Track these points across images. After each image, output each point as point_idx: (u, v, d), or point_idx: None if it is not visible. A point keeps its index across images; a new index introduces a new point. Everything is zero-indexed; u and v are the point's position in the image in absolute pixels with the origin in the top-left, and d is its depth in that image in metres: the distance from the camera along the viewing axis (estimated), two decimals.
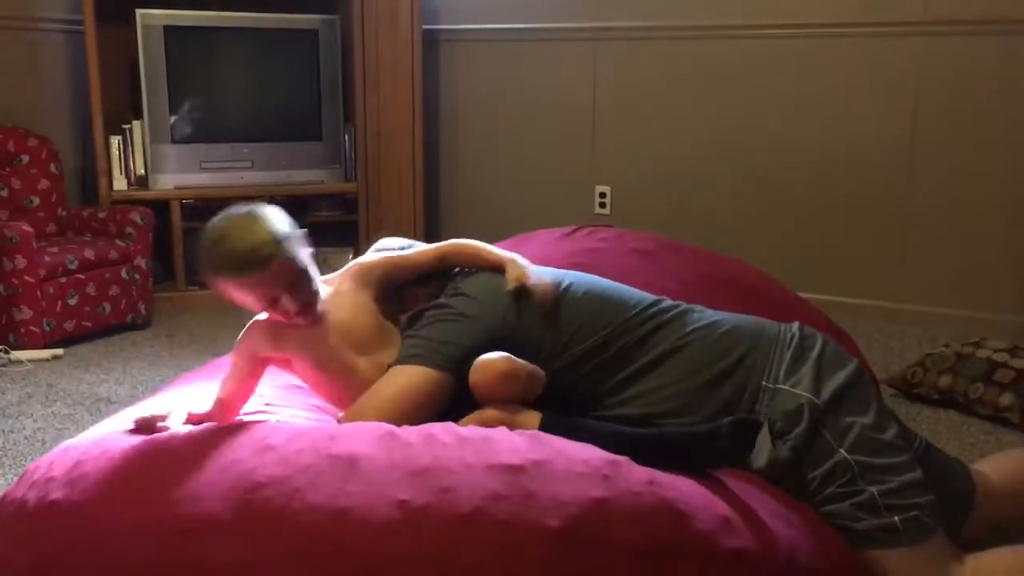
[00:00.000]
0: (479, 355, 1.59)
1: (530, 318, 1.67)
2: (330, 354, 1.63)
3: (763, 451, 1.58)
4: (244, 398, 1.65)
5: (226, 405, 1.61)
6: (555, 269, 1.81)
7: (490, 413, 1.55)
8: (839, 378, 1.61)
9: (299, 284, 1.58)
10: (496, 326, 1.65)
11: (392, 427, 1.40)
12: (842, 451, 1.54)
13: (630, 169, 4.24)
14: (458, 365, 1.60)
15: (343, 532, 1.20)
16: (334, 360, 1.64)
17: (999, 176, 3.54)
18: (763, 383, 1.63)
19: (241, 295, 1.58)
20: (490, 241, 2.59)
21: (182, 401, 1.68)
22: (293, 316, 1.59)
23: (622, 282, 1.82)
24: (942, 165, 3.64)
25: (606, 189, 4.32)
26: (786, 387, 1.61)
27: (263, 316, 1.65)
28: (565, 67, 4.30)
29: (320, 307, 1.64)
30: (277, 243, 1.55)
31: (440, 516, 1.21)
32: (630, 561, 1.23)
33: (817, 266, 3.90)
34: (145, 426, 1.54)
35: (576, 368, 1.66)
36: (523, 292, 1.68)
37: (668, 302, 1.76)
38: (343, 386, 1.64)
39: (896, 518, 1.50)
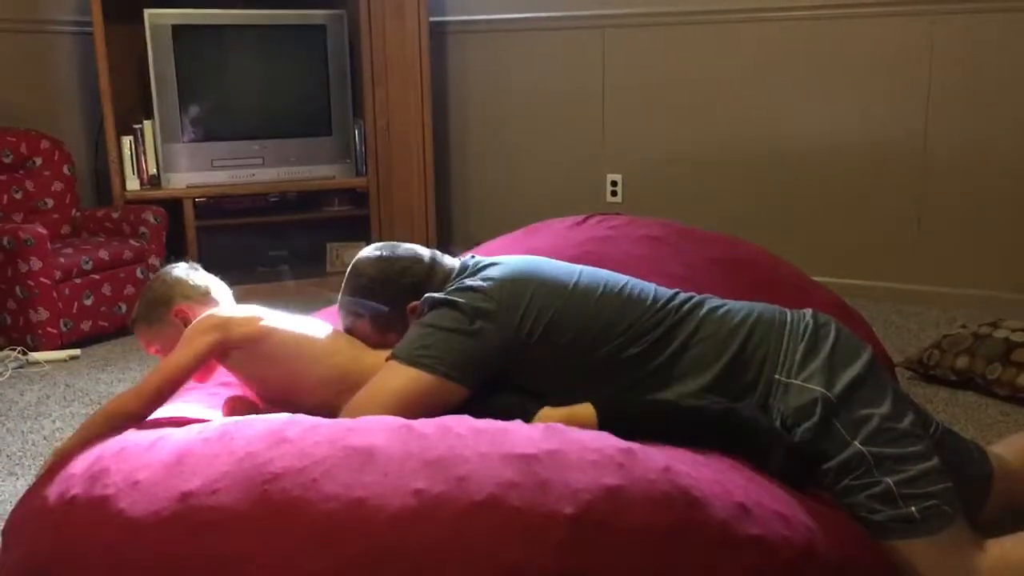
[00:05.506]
0: (491, 365, 1.61)
1: (546, 316, 1.64)
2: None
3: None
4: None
5: None
6: (568, 264, 1.79)
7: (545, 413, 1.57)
8: (854, 370, 1.59)
9: None
10: (510, 337, 1.62)
11: (407, 420, 1.40)
12: (856, 443, 1.52)
13: (641, 157, 4.23)
14: (464, 376, 1.59)
15: (359, 521, 1.21)
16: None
17: (1014, 155, 3.51)
18: (776, 376, 1.61)
19: None
20: (502, 231, 2.60)
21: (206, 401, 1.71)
22: None
23: (633, 270, 1.81)
24: (956, 144, 3.61)
25: (617, 177, 4.31)
26: (798, 381, 1.59)
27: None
28: (574, 55, 4.29)
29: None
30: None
31: (455, 504, 1.22)
32: (645, 547, 1.23)
33: (832, 249, 3.88)
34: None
35: (597, 372, 1.64)
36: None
37: (681, 296, 1.74)
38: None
39: (913, 508, 1.48)
